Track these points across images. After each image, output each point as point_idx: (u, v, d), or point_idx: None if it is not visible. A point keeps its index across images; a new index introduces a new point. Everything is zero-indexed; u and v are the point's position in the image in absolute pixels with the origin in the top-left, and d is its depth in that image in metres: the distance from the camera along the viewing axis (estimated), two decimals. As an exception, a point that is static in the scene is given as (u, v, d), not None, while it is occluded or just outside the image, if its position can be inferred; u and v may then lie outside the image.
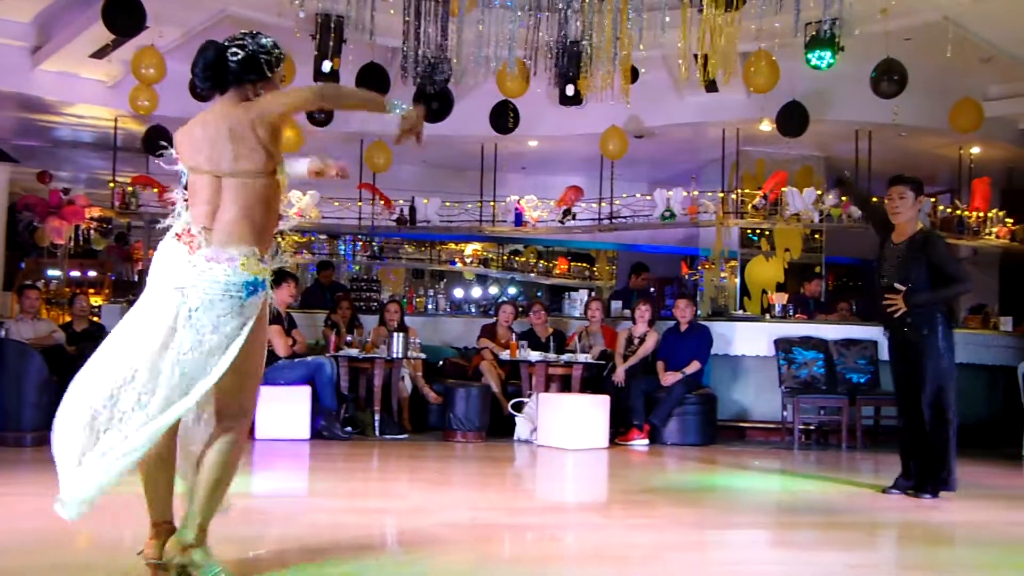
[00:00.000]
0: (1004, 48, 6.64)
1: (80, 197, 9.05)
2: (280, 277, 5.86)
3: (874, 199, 4.62)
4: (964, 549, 2.95)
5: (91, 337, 6.14)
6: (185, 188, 2.17)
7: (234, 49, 2.16)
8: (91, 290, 10.14)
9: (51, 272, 10.08)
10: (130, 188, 8.12)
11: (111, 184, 8.29)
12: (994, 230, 8.32)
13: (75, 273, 10.49)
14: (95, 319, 7.22)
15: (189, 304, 2.02)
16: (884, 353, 6.50)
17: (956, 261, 4.19)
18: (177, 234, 2.09)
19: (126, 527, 2.91)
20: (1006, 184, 9.00)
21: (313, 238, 9.38)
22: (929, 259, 3.81)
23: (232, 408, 2.14)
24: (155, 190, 8.08)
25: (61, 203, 8.86)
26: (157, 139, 7.73)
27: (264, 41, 2.20)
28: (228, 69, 2.15)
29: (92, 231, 10.11)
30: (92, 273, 10.62)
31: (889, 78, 6.26)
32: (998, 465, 5.44)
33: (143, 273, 9.14)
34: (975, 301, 8.58)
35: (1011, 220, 8.49)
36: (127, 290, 9.27)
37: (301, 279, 10.03)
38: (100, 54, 7.06)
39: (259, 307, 2.09)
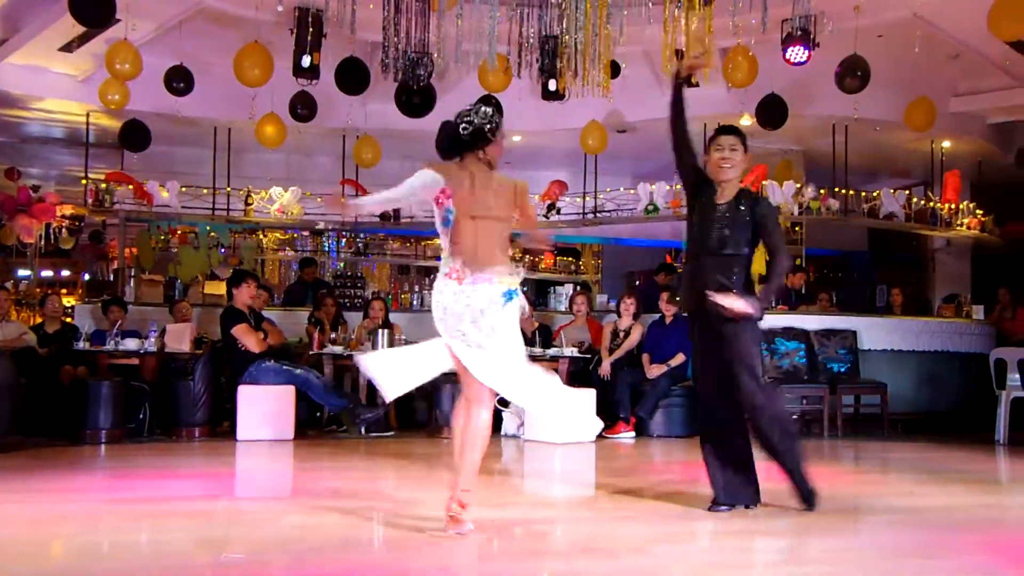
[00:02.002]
0: (971, 45, 6.79)
1: (51, 195, 8.81)
2: (240, 276, 5.78)
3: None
4: (942, 533, 3.02)
5: (63, 339, 6.00)
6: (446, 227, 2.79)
7: (464, 125, 2.79)
8: (64, 290, 9.91)
9: (21, 272, 9.82)
10: (104, 185, 7.93)
11: (83, 181, 8.09)
12: (965, 221, 8.53)
13: (47, 273, 10.24)
14: (68, 320, 7.05)
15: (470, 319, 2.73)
16: (863, 342, 6.68)
17: (781, 230, 3.48)
18: (446, 273, 2.76)
19: (103, 535, 2.86)
20: (976, 177, 9.21)
21: (296, 235, 9.26)
22: (757, 222, 3.18)
23: (484, 392, 2.76)
24: (130, 187, 7.91)
25: (31, 200, 8.62)
26: (134, 134, 7.60)
27: (485, 110, 2.81)
28: (463, 142, 2.79)
29: (63, 229, 9.86)
30: (65, 272, 10.37)
31: (852, 74, 6.37)
32: (972, 450, 5.57)
33: (119, 272, 8.94)
34: (948, 291, 8.80)
35: (981, 212, 8.71)
36: (101, 289, 9.06)
37: (284, 276, 9.90)
38: (69, 47, 6.87)
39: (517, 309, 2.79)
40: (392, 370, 2.86)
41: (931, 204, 8.34)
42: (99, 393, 5.11)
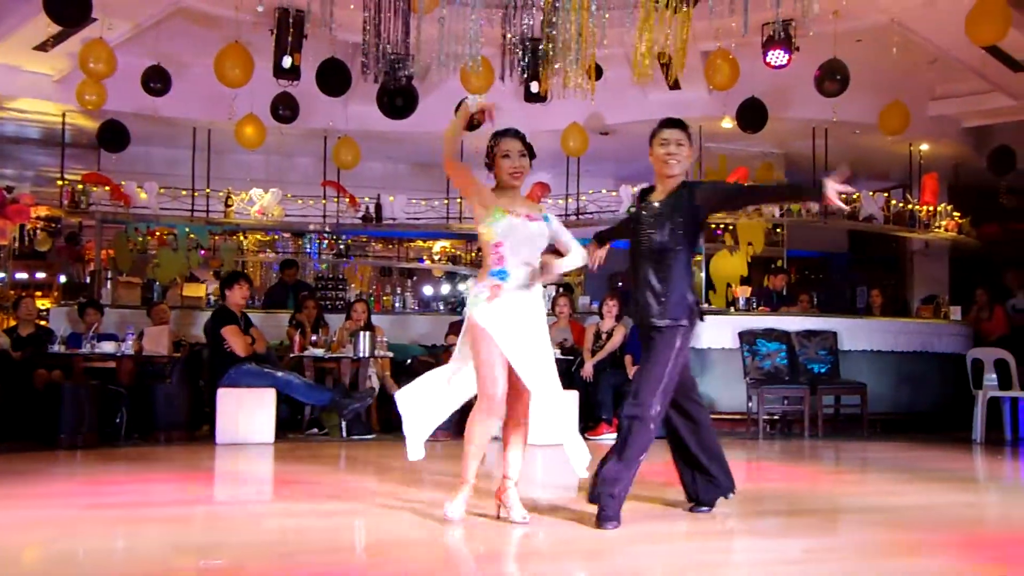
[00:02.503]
0: (948, 50, 6.91)
1: (26, 196, 8.64)
2: (233, 278, 5.75)
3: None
4: (921, 532, 3.05)
5: (38, 342, 5.89)
6: None
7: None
8: (38, 293, 9.72)
9: (-6, 274, 9.60)
10: (80, 186, 7.80)
11: (59, 182, 7.95)
12: (943, 223, 8.67)
13: (22, 275, 10.04)
14: (42, 323, 6.92)
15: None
16: (843, 343, 6.76)
17: (727, 183, 3.61)
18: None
19: (79, 541, 2.80)
20: (953, 180, 9.37)
21: (276, 236, 9.19)
22: (705, 202, 3.01)
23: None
24: (107, 188, 7.78)
25: (4, 201, 8.44)
26: (112, 135, 7.48)
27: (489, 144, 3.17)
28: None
29: (38, 231, 9.68)
30: (40, 275, 10.17)
31: (832, 77, 6.45)
32: (950, 449, 5.65)
33: (95, 274, 8.85)
34: (926, 292, 8.93)
35: (958, 214, 8.85)
36: (77, 292, 8.90)
37: (265, 278, 9.80)
38: (44, 47, 6.75)
39: (473, 313, 2.96)
40: (422, 409, 3.13)
41: (909, 206, 8.46)
42: (74, 397, 5.03)
